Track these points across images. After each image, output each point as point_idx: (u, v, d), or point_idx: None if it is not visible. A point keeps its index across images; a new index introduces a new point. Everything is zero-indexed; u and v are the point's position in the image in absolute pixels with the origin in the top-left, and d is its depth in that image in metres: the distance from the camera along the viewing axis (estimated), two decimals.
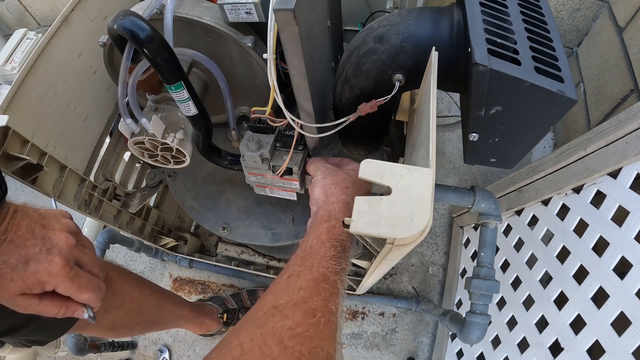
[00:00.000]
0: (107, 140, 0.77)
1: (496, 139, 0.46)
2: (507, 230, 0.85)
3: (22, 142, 0.55)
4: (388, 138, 0.71)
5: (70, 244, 0.40)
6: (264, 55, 0.42)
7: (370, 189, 0.50)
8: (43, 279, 0.38)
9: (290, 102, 0.51)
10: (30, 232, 0.39)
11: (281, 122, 0.55)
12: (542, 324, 0.67)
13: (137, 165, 0.95)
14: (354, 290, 0.95)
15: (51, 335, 0.52)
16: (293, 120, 0.48)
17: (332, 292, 0.37)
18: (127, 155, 0.88)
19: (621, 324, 0.51)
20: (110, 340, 1.13)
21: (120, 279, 0.63)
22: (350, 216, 0.43)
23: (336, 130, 0.50)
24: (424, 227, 0.32)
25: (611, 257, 0.55)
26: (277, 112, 0.53)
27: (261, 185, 0.62)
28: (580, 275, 0.60)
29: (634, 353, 0.49)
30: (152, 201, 1.03)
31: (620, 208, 0.55)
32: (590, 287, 0.58)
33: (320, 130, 0.50)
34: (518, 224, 0.82)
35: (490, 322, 0.67)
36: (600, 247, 0.57)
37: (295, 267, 0.39)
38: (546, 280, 0.68)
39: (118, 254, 1.30)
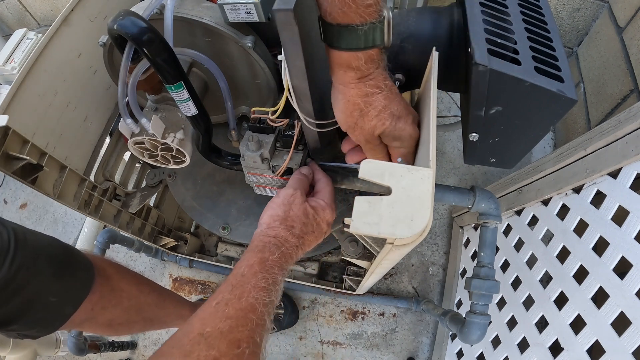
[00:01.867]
0: (107, 140, 0.77)
1: (496, 139, 0.46)
2: (507, 230, 0.85)
3: (22, 142, 0.56)
4: None
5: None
6: (279, 57, 0.42)
7: (324, 231, 0.50)
8: (403, 136, 0.42)
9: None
10: (401, 98, 0.42)
11: (281, 122, 0.55)
12: (542, 324, 0.67)
13: (137, 165, 0.95)
14: (354, 290, 0.95)
15: (42, 330, 0.53)
16: (306, 119, 0.48)
17: (259, 324, 0.37)
18: (127, 155, 0.88)
19: (621, 324, 0.51)
20: (110, 340, 1.13)
21: (118, 276, 0.63)
22: (283, 254, 0.43)
23: (335, 126, 0.50)
24: (424, 227, 0.32)
25: (611, 257, 0.55)
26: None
27: (261, 185, 0.62)
28: (580, 275, 0.60)
29: (634, 353, 0.49)
30: (152, 201, 1.03)
31: (620, 208, 0.55)
32: (590, 287, 0.58)
33: (320, 129, 0.50)
34: (518, 224, 0.82)
35: (490, 322, 0.67)
36: (600, 247, 0.57)
37: (225, 294, 0.38)
38: (546, 280, 0.68)
39: (118, 254, 1.30)
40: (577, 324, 0.59)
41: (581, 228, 0.62)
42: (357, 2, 0.32)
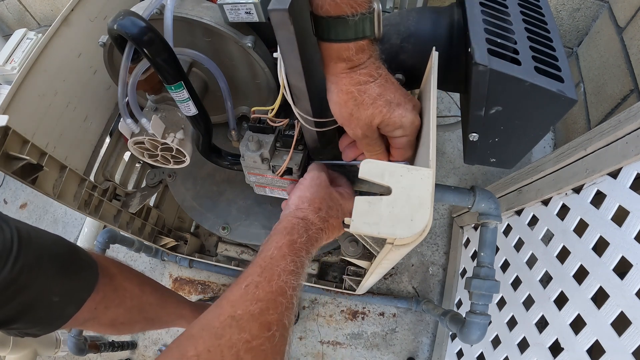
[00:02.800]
0: (107, 140, 0.77)
1: (496, 139, 0.46)
2: (507, 230, 0.85)
3: (22, 142, 0.56)
4: None
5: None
6: (274, 54, 0.42)
7: (343, 218, 0.49)
8: (404, 124, 0.40)
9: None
10: (398, 87, 0.41)
11: (281, 122, 0.55)
12: (542, 324, 0.67)
13: (137, 165, 0.95)
14: (354, 290, 0.95)
15: (44, 329, 0.52)
16: (301, 116, 0.48)
17: (288, 307, 0.37)
18: (127, 155, 0.88)
19: (621, 324, 0.51)
20: (110, 340, 1.13)
21: (121, 275, 0.63)
22: (310, 237, 0.43)
23: (336, 125, 0.50)
24: (424, 227, 0.32)
25: (611, 257, 0.55)
26: (277, 112, 0.53)
27: (261, 185, 0.62)
28: (580, 275, 0.60)
29: (634, 353, 0.49)
30: (152, 201, 1.03)
31: (620, 208, 0.55)
32: (590, 287, 0.58)
33: (318, 129, 0.50)
34: (518, 224, 0.82)
35: (490, 322, 0.67)
36: (600, 247, 0.57)
37: (254, 277, 0.38)
38: (546, 280, 0.68)
39: (118, 254, 1.30)
40: (577, 324, 0.59)
41: (581, 228, 0.62)
42: None
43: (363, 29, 0.35)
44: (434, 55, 0.42)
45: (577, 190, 0.65)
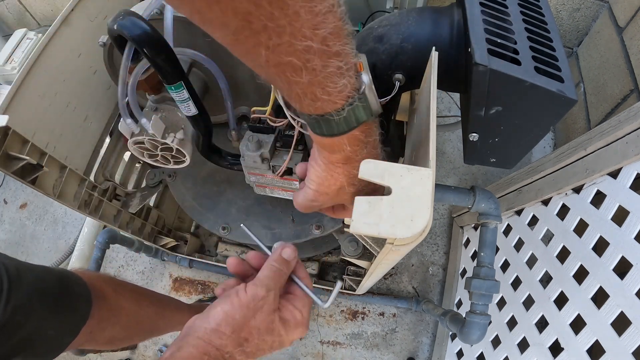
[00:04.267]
0: (107, 140, 0.77)
1: (496, 139, 0.46)
2: (507, 230, 0.85)
3: (22, 142, 0.56)
4: (388, 138, 0.71)
5: None
6: None
7: (285, 346, 0.40)
8: None
9: None
10: None
11: (281, 122, 0.55)
12: (542, 324, 0.67)
13: (137, 165, 0.95)
14: (354, 290, 0.95)
15: (47, 357, 0.52)
16: (294, 119, 0.48)
17: None
18: (127, 155, 0.88)
19: (621, 324, 0.51)
20: None
21: (116, 294, 0.62)
22: None
23: None
24: (424, 227, 0.32)
25: (611, 257, 0.55)
26: (277, 111, 0.53)
27: (261, 185, 0.62)
28: (580, 275, 0.60)
29: (634, 353, 0.49)
30: (152, 201, 1.03)
31: (620, 208, 0.55)
32: (590, 287, 0.58)
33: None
34: (518, 224, 0.82)
35: (490, 322, 0.67)
36: (600, 247, 0.57)
37: None
38: (546, 280, 0.68)
39: (118, 254, 1.30)
40: (577, 324, 0.59)
41: (581, 228, 0.62)
42: (328, 92, 0.27)
43: (356, 118, 0.30)
44: (434, 55, 0.42)
45: (577, 190, 0.65)
